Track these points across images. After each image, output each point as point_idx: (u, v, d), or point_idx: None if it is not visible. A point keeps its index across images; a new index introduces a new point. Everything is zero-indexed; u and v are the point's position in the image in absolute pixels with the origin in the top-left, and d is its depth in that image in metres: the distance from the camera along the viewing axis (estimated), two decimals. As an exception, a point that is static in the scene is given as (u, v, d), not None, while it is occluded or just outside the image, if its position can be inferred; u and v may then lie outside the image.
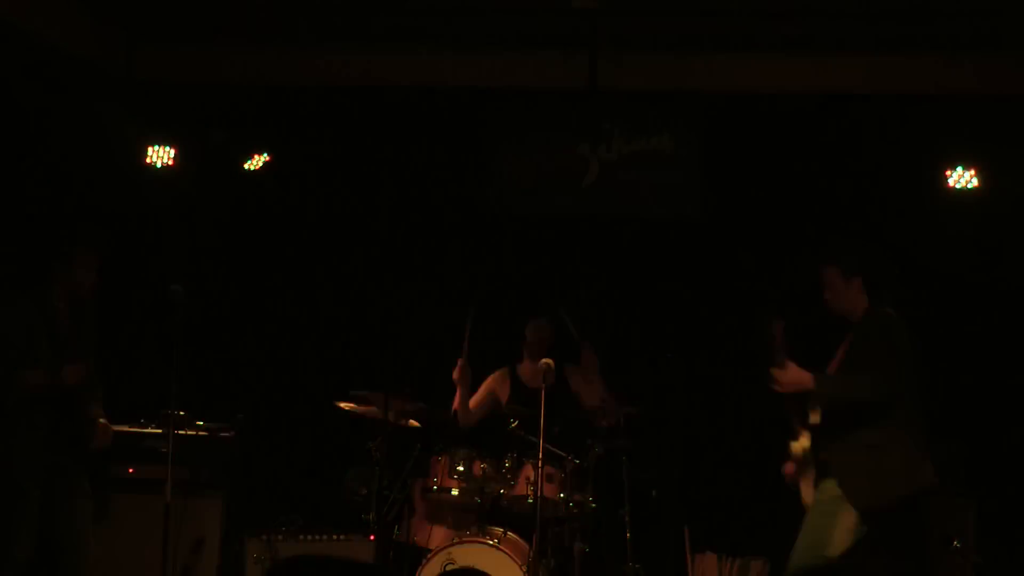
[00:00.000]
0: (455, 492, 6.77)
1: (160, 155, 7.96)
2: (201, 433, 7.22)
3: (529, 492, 6.58)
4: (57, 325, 5.99)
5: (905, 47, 7.80)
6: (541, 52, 7.90)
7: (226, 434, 7.19)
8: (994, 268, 7.53)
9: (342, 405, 7.07)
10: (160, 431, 7.06)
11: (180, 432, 6.70)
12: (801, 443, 5.98)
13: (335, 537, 6.81)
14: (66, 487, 6.19)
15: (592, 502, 6.78)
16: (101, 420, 6.28)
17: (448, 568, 6.41)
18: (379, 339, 7.45)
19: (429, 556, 6.55)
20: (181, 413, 6.71)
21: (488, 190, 8.24)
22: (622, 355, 8.17)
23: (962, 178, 7.63)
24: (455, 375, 7.25)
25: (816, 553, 5.56)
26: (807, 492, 5.91)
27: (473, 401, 7.46)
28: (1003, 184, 7.64)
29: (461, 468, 6.78)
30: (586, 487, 6.77)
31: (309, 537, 6.86)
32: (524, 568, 6.41)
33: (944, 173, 7.66)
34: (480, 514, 6.72)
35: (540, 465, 6.43)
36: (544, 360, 6.60)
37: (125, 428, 7.02)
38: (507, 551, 6.48)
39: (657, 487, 7.17)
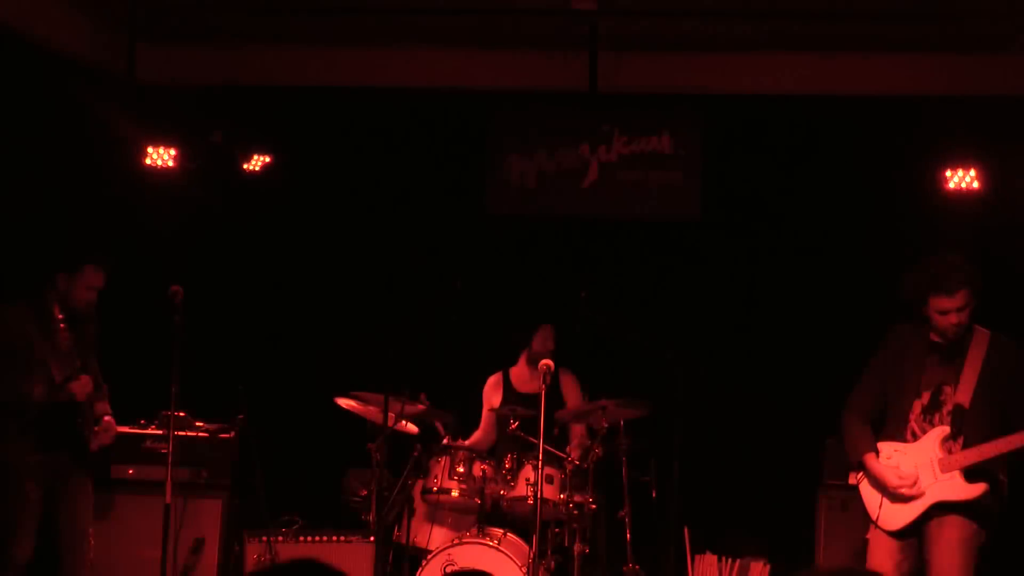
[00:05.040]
0: (455, 493, 6.78)
1: (161, 156, 7.96)
2: (201, 434, 7.22)
3: (529, 493, 6.58)
4: (55, 331, 6.00)
5: (905, 47, 7.80)
6: (541, 53, 7.89)
7: (226, 435, 7.19)
8: (994, 268, 7.51)
9: (342, 402, 7.07)
10: (160, 432, 7.07)
11: (180, 433, 6.71)
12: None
13: (335, 538, 6.80)
14: (67, 487, 6.21)
15: (592, 503, 6.78)
16: (106, 418, 6.30)
17: (448, 569, 6.41)
18: (379, 340, 7.44)
19: (429, 557, 6.56)
20: (181, 414, 6.72)
21: (488, 191, 8.24)
22: (622, 355, 8.17)
23: (962, 179, 7.61)
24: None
25: None
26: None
27: (483, 428, 7.66)
28: (1003, 184, 7.63)
29: (461, 469, 6.78)
30: (586, 488, 6.77)
31: (309, 538, 6.85)
32: (524, 569, 6.42)
33: (944, 173, 7.64)
34: (480, 515, 6.73)
35: (540, 466, 6.44)
36: (544, 361, 6.61)
37: (125, 429, 7.03)
38: (507, 552, 6.48)
39: (657, 487, 7.15)
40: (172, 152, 7.97)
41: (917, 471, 5.49)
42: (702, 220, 8.13)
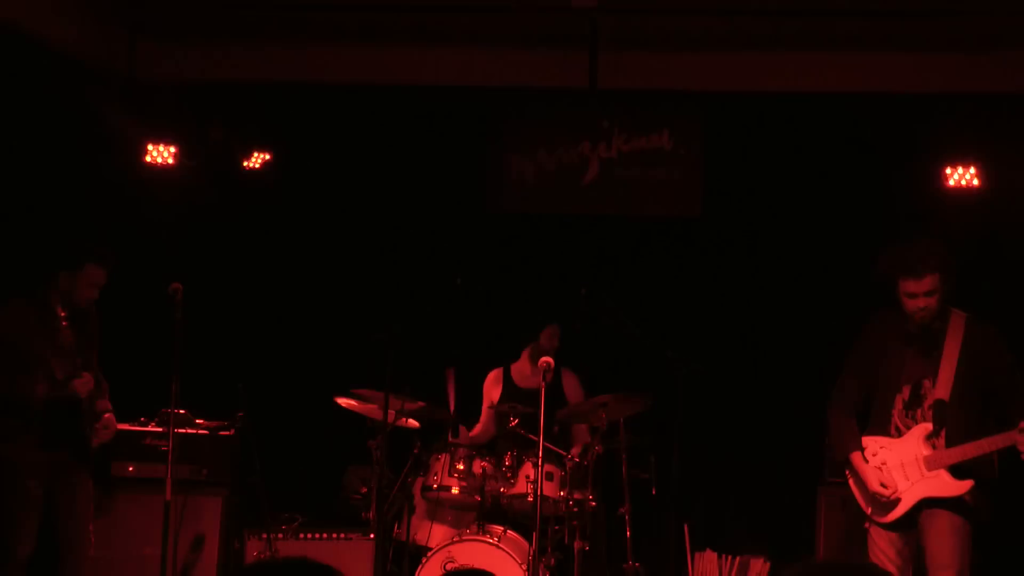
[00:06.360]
0: (455, 490, 6.78)
1: (160, 154, 7.95)
2: (201, 432, 7.22)
3: (529, 490, 6.59)
4: (56, 328, 6.00)
5: (905, 46, 7.80)
6: (541, 51, 7.89)
7: (226, 432, 7.20)
8: (994, 267, 7.53)
9: (342, 402, 7.08)
10: (160, 429, 7.07)
11: (180, 430, 6.71)
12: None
13: (335, 536, 6.81)
14: (68, 484, 6.21)
15: (592, 501, 6.78)
16: (107, 415, 6.30)
17: (448, 567, 6.41)
18: (378, 338, 7.44)
19: (429, 555, 6.56)
20: (181, 412, 6.72)
21: (488, 188, 8.25)
22: (622, 353, 8.17)
23: (963, 176, 7.61)
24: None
25: None
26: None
27: (483, 422, 7.62)
28: (1004, 182, 7.63)
29: (461, 466, 6.78)
30: (586, 486, 6.77)
31: (309, 536, 6.86)
32: (524, 567, 6.42)
33: (944, 172, 7.64)
34: (480, 512, 6.73)
35: (540, 463, 6.43)
36: (544, 359, 6.60)
37: (126, 426, 7.02)
38: (507, 550, 6.48)
39: (657, 484, 7.16)
40: (172, 149, 7.98)
41: (903, 470, 5.50)
42: (702, 217, 8.13)
